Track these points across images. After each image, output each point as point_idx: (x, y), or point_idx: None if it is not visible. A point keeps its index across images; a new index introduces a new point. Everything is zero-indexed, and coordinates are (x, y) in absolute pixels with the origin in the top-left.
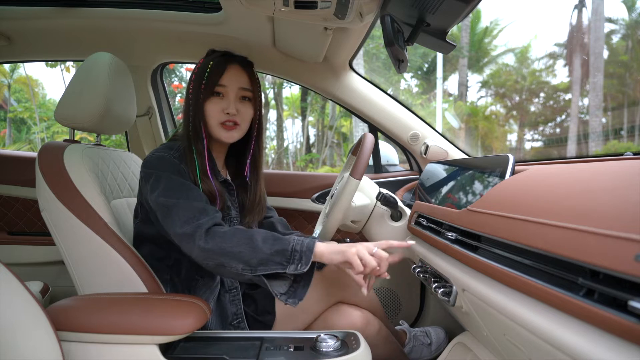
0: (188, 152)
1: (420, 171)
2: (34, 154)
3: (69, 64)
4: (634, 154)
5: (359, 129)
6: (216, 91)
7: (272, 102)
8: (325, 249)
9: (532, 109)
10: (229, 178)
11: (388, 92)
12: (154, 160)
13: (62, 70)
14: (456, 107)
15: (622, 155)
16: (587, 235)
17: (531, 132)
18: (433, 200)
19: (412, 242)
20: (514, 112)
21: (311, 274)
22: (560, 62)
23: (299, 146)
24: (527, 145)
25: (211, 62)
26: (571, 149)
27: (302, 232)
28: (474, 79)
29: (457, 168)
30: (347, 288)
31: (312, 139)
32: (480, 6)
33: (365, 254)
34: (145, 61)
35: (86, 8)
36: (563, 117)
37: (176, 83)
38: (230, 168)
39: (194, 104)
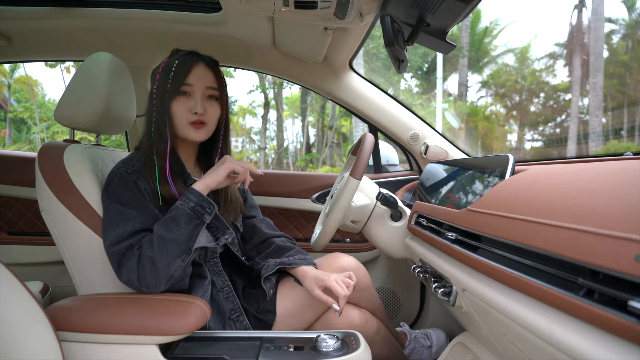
0: (149, 160)
1: (420, 171)
2: (34, 154)
3: (69, 64)
4: (634, 154)
5: (359, 129)
6: (182, 90)
7: (272, 102)
8: (204, 182)
9: (532, 109)
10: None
11: (388, 92)
12: (110, 178)
13: (62, 70)
14: (456, 107)
15: (622, 155)
16: (587, 235)
17: (531, 132)
18: (433, 200)
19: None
20: (514, 112)
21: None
22: (560, 62)
23: (299, 146)
24: (527, 145)
25: (176, 62)
26: (571, 149)
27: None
28: (474, 79)
29: (457, 168)
30: None
31: (312, 139)
32: (480, 6)
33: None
34: (145, 61)
35: (86, 8)
36: (563, 117)
37: None
38: (203, 168)
39: (159, 103)
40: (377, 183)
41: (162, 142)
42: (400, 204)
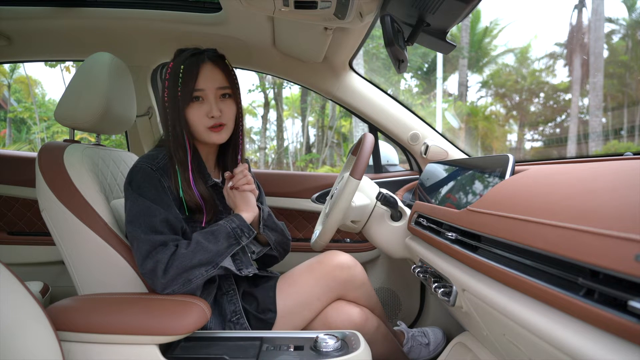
0: (171, 162)
1: (420, 171)
2: (34, 154)
3: (69, 64)
4: (634, 154)
5: (359, 129)
6: (194, 96)
7: (272, 102)
8: (252, 214)
9: (532, 109)
10: (219, 180)
11: (388, 92)
12: (134, 172)
13: (62, 70)
14: (456, 107)
15: (622, 155)
16: (587, 235)
17: (531, 132)
18: (433, 200)
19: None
20: (514, 112)
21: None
22: (560, 62)
23: (299, 146)
24: (527, 145)
25: (182, 66)
26: (571, 149)
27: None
28: (474, 79)
29: (457, 168)
30: (346, 285)
31: (312, 139)
32: (480, 6)
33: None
34: (145, 61)
35: (86, 8)
36: (563, 117)
37: None
38: (221, 168)
39: (172, 112)
40: (377, 183)
41: (181, 151)
42: (400, 204)
